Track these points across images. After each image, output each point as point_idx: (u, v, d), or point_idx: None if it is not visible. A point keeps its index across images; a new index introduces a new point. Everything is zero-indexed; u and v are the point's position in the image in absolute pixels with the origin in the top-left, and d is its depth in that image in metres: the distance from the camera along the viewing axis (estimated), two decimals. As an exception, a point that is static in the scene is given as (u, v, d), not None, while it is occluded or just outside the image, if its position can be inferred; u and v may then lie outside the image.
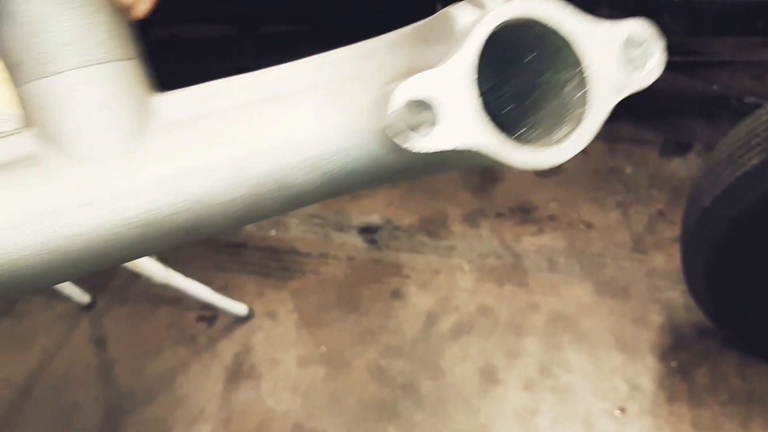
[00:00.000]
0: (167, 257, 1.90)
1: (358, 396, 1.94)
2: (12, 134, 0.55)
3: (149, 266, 1.74)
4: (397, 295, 2.12)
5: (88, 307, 2.16)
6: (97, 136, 0.54)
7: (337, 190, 0.57)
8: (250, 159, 0.54)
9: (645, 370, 1.92)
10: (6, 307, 2.17)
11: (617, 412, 1.85)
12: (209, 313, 2.10)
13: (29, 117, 0.56)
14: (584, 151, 0.52)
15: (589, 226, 2.23)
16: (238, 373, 2.00)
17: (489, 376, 1.94)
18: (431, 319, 2.06)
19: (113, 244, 0.54)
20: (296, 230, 2.42)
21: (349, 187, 0.57)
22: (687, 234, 1.69)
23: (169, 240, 0.56)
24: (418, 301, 2.11)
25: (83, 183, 0.52)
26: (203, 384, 1.98)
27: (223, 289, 2.05)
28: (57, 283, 0.56)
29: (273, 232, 2.41)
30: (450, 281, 2.15)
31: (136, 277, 1.73)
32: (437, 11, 0.54)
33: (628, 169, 2.49)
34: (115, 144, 0.54)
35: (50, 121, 0.54)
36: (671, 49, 0.61)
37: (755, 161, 1.43)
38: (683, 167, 2.44)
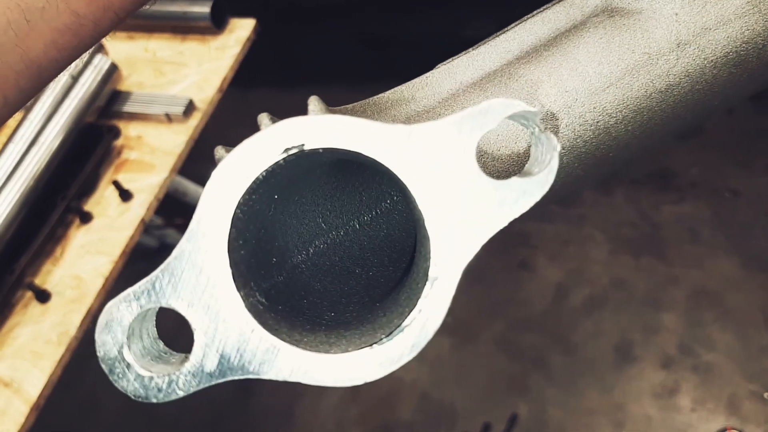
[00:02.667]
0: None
1: (486, 368, 1.90)
2: None
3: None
4: (524, 266, 2.05)
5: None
6: None
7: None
8: None
9: (799, 351, 1.77)
10: (144, 270, 2.26)
11: (766, 395, 1.73)
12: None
13: None
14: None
15: (735, 193, 2.06)
16: (365, 341, 2.00)
17: (624, 353, 1.85)
18: (561, 291, 1.98)
19: (705, 91, 0.49)
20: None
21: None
22: None
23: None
24: (548, 272, 2.03)
25: (669, 23, 0.48)
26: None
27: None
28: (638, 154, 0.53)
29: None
30: (581, 252, 2.05)
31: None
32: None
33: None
34: None
35: None
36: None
37: None
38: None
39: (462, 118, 0.34)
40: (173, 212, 1.79)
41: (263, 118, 0.45)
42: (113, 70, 1.34)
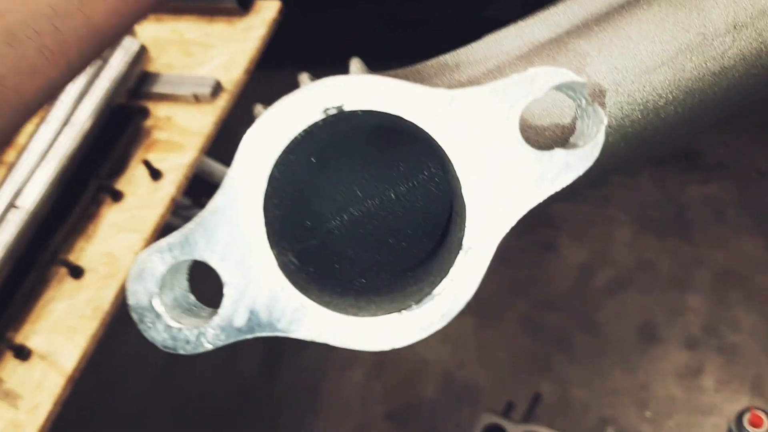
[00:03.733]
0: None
1: (509, 348, 1.92)
2: None
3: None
4: (548, 246, 2.06)
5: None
6: None
7: None
8: None
9: (825, 332, 1.76)
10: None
11: (792, 376, 1.72)
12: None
13: None
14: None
15: (763, 174, 2.05)
16: (389, 320, 2.02)
17: (648, 333, 1.85)
18: (585, 272, 1.98)
19: (760, 75, 0.48)
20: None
21: None
22: None
23: None
24: (571, 253, 2.03)
25: (727, 3, 0.47)
26: (355, 330, 2.02)
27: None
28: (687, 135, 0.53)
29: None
30: (606, 233, 2.05)
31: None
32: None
33: (808, 111, 2.25)
34: None
35: None
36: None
37: None
38: None
39: (507, 85, 0.34)
40: (201, 193, 1.81)
41: (303, 77, 0.45)
42: (142, 51, 1.37)
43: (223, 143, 1.46)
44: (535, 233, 2.09)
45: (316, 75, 0.36)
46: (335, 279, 0.40)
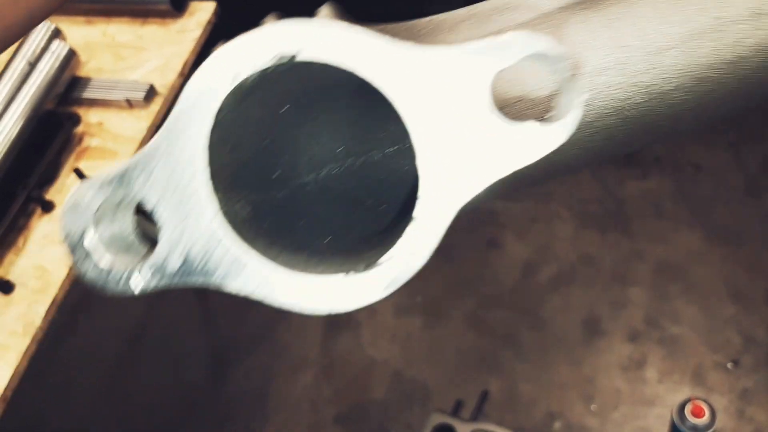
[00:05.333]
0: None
1: (457, 346, 1.93)
2: None
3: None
4: (493, 244, 2.07)
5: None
6: None
7: None
8: None
9: (761, 321, 1.82)
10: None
11: (730, 365, 1.77)
12: (306, 263, 2.11)
13: None
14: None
15: (697, 168, 2.10)
16: (337, 322, 2.01)
17: (592, 327, 1.88)
18: (530, 268, 2.01)
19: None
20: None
21: None
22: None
23: None
24: (515, 250, 2.05)
25: None
26: (304, 332, 2.01)
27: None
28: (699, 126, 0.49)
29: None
30: (548, 229, 2.08)
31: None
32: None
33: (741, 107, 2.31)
34: None
35: None
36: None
37: None
38: (803, 102, 2.25)
39: (481, 47, 0.31)
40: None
41: (270, 18, 0.41)
42: (71, 55, 1.32)
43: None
44: (480, 231, 2.11)
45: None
46: (294, 235, 0.38)
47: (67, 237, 0.33)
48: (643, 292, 1.91)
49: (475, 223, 2.11)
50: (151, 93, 1.29)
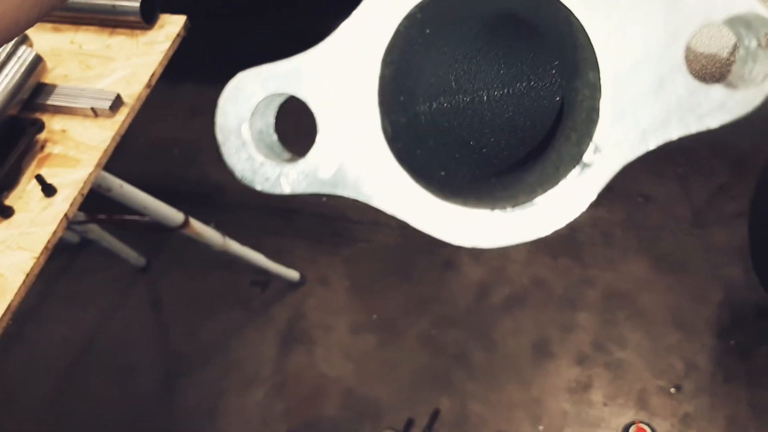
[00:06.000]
0: (223, 223, 1.91)
1: (410, 365, 1.95)
2: None
3: (208, 234, 1.75)
4: (449, 265, 2.11)
5: (144, 270, 2.19)
6: None
7: None
8: None
9: (702, 349, 1.88)
10: (65, 265, 2.21)
11: (673, 390, 1.83)
12: (262, 278, 2.11)
13: None
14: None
15: (647, 198, 2.18)
16: (291, 338, 2.02)
17: (542, 350, 1.93)
18: (484, 290, 2.05)
19: None
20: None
21: None
22: (758, 213, 1.64)
23: None
24: (471, 271, 2.09)
25: None
26: (257, 348, 2.01)
27: (275, 255, 2.05)
28: None
29: (324, 198, 2.40)
30: (502, 253, 2.12)
31: (190, 240, 1.74)
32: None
33: (690, 139, 2.40)
34: None
35: None
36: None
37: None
38: (747, 139, 2.35)
39: (681, 1, 0.30)
40: (96, 208, 1.76)
41: None
42: (38, 61, 1.32)
43: (123, 157, 1.42)
44: (437, 252, 2.14)
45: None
46: (417, 164, 0.37)
47: (222, 126, 0.32)
48: (591, 316, 1.96)
49: (433, 244, 2.14)
50: (117, 102, 1.29)
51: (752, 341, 1.89)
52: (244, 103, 0.32)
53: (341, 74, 0.31)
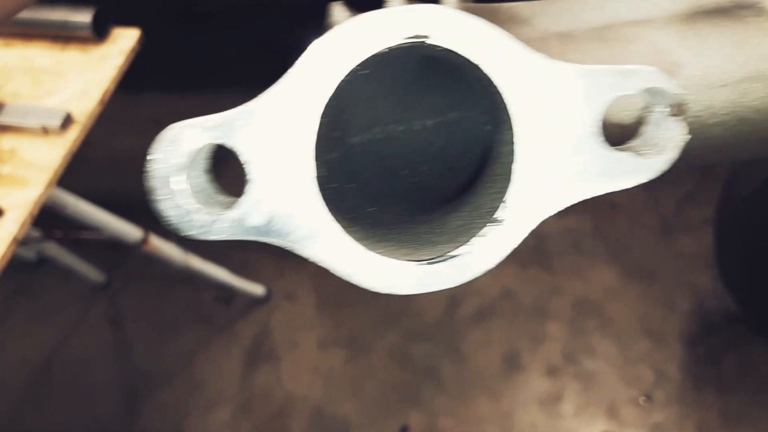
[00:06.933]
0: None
1: (379, 380, 1.92)
2: None
3: (169, 250, 1.71)
4: (418, 276, 2.08)
5: (104, 287, 2.13)
6: None
7: None
8: None
9: (672, 357, 1.88)
10: (22, 283, 2.15)
11: (642, 400, 1.82)
12: (227, 294, 2.07)
13: None
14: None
15: (614, 207, 2.17)
16: (257, 355, 1.97)
17: (512, 362, 1.91)
18: (453, 302, 2.02)
19: None
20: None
21: None
22: (723, 221, 1.64)
23: None
24: (440, 283, 2.06)
25: None
26: (222, 366, 1.96)
27: (241, 269, 2.01)
28: (731, 158, 0.50)
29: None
30: (472, 263, 2.10)
31: (151, 256, 1.69)
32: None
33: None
34: None
35: None
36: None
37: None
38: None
39: (600, 73, 0.32)
40: (52, 225, 1.70)
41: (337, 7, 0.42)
42: (-16, 78, 1.27)
43: (78, 174, 1.38)
44: (404, 263, 2.11)
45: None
46: (347, 201, 0.37)
47: (155, 174, 0.32)
48: (561, 327, 1.95)
49: (400, 255, 2.11)
50: (67, 121, 1.24)
51: (721, 348, 1.89)
52: (177, 151, 0.32)
53: (277, 128, 0.32)
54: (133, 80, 1.40)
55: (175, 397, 1.91)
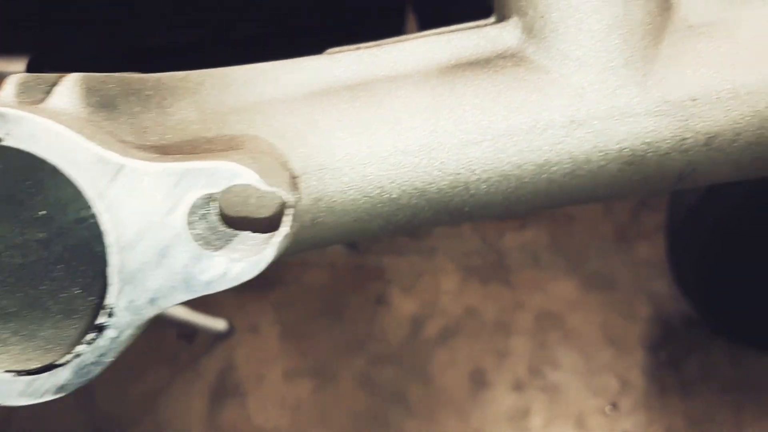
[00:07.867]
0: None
1: (347, 407, 1.91)
2: (488, 25, 0.45)
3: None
4: (381, 300, 2.08)
5: (64, 331, 2.09)
6: (598, 36, 0.42)
7: None
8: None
9: (635, 364, 1.90)
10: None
11: (608, 409, 1.84)
12: (189, 330, 2.04)
13: (509, 4, 0.45)
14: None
15: (570, 218, 2.20)
16: (223, 391, 1.95)
17: (478, 379, 1.91)
18: (417, 323, 2.02)
19: (587, 179, 0.43)
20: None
21: None
22: (673, 229, 1.67)
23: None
24: (403, 305, 2.07)
25: (572, 96, 0.42)
26: (187, 404, 1.94)
27: (201, 305, 1.99)
28: (504, 216, 0.48)
29: (250, 241, 2.35)
30: (434, 283, 2.11)
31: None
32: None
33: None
34: (623, 48, 0.42)
35: (537, 9, 0.42)
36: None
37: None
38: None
39: (183, 171, 0.31)
40: None
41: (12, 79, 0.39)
42: None
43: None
44: (368, 288, 2.11)
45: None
46: None
47: None
48: (524, 341, 1.96)
49: (363, 279, 2.12)
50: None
51: (682, 352, 1.92)
52: None
53: None
54: None
55: (141, 438, 1.88)
